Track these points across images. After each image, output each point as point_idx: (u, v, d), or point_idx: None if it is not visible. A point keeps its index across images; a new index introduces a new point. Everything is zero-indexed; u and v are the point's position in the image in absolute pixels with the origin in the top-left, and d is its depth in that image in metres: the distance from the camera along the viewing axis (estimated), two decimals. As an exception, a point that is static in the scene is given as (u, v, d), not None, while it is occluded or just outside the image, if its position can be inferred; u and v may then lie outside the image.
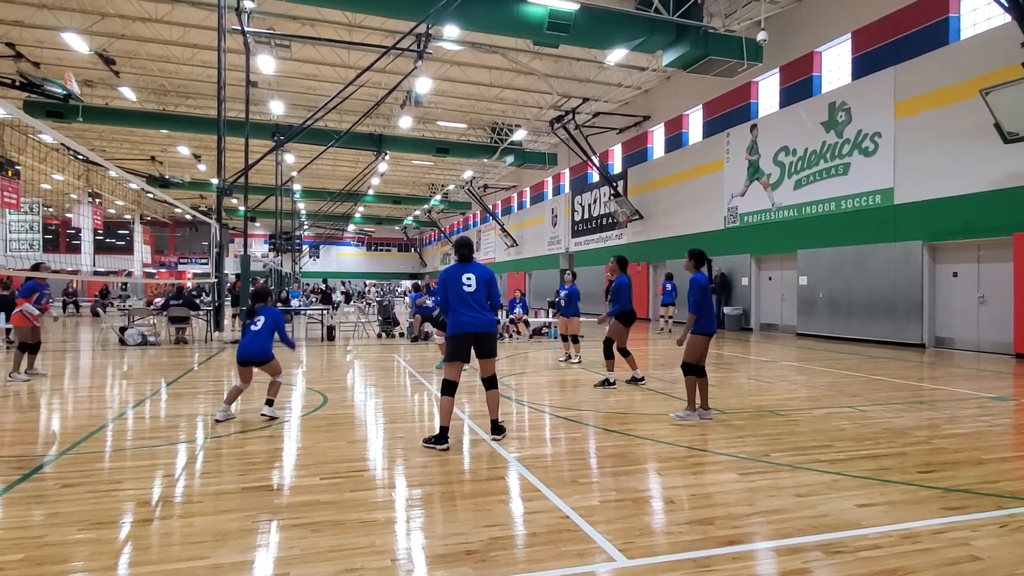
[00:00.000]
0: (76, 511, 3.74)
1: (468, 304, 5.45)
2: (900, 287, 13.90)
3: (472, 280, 5.50)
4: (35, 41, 19.35)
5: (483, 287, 5.53)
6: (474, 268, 5.59)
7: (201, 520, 3.60)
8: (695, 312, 6.19)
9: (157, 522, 3.58)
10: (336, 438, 5.62)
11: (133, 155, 35.17)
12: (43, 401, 7.46)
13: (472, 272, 5.54)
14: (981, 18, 12.73)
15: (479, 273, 5.57)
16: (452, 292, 5.49)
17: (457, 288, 5.47)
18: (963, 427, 6.04)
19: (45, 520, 3.61)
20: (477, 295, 5.48)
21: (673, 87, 22.84)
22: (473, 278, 5.51)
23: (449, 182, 43.12)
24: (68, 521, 3.58)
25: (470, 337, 5.44)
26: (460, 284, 5.47)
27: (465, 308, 5.44)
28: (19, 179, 27.25)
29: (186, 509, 3.80)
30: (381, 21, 17.11)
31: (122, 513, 3.73)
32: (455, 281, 5.49)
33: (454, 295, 5.48)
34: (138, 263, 48.23)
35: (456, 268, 5.60)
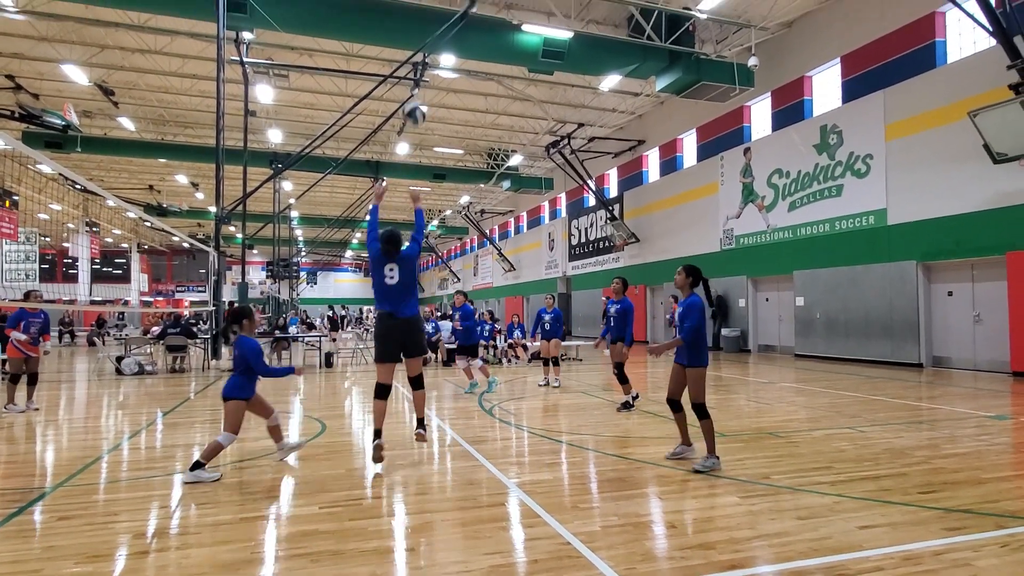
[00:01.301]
0: (72, 544, 3.70)
1: (390, 296, 5.29)
2: (896, 307, 13.95)
3: (395, 271, 5.32)
4: (35, 73, 19.59)
5: (408, 276, 5.37)
6: (399, 258, 5.40)
7: (198, 552, 3.57)
8: (691, 339, 5.29)
9: (154, 554, 3.55)
10: (335, 466, 5.59)
11: (131, 184, 35.36)
12: (38, 433, 7.41)
13: (396, 263, 5.36)
14: (967, 42, 12.99)
15: (401, 262, 5.39)
16: (376, 286, 5.39)
17: (380, 281, 5.33)
18: (962, 447, 6.03)
19: (41, 553, 3.57)
20: (399, 286, 5.31)
21: (667, 112, 23.15)
22: (396, 269, 5.33)
23: (446, 207, 43.36)
24: (64, 554, 3.55)
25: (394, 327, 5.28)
26: (383, 277, 5.31)
27: (388, 301, 5.28)
28: (16, 209, 27.37)
29: (183, 540, 3.76)
30: (378, 50, 17.39)
31: (119, 546, 3.69)
32: (378, 275, 5.37)
33: (378, 288, 5.35)
34: (135, 292, 48.16)
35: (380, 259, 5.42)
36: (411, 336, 5.36)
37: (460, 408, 8.86)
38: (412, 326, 5.38)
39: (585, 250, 29.51)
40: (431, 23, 13.59)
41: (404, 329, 5.34)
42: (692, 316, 5.32)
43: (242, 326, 5.40)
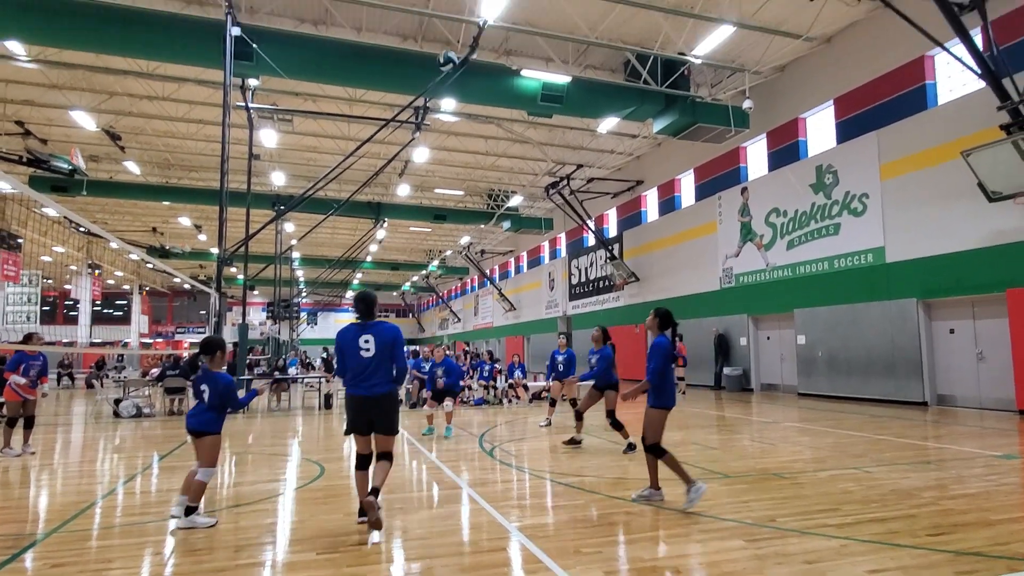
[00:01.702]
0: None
1: (365, 372, 4.76)
2: (898, 345, 13.90)
3: (371, 343, 4.78)
4: (44, 119, 19.99)
5: (384, 351, 4.80)
6: (374, 329, 4.85)
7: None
8: (656, 381, 5.45)
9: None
10: (333, 510, 5.49)
11: (135, 227, 35.68)
12: (33, 477, 7.30)
13: (372, 334, 4.81)
14: (957, 84, 13.28)
15: (380, 335, 4.82)
16: (348, 355, 4.81)
17: (353, 351, 4.79)
18: (971, 487, 5.93)
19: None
20: (376, 360, 4.77)
21: (664, 153, 23.52)
22: (372, 341, 4.78)
23: (447, 248, 43.64)
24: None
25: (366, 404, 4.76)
26: (356, 348, 4.79)
27: (362, 378, 4.76)
28: (20, 252, 27.58)
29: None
30: (380, 95, 17.77)
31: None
32: (350, 344, 4.81)
33: (350, 359, 4.80)
34: (135, 333, 48.08)
35: (353, 329, 4.88)
36: (384, 414, 4.83)
37: (460, 450, 8.76)
38: (386, 404, 4.83)
39: (585, 289, 29.57)
40: (432, 69, 13.91)
41: (377, 407, 4.80)
42: (655, 358, 5.48)
43: (213, 358, 5.28)
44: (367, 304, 4.95)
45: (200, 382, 5.24)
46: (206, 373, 5.24)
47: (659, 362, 5.45)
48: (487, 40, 14.67)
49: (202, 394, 5.18)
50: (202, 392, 5.19)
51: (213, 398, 5.15)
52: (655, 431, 5.45)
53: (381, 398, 4.77)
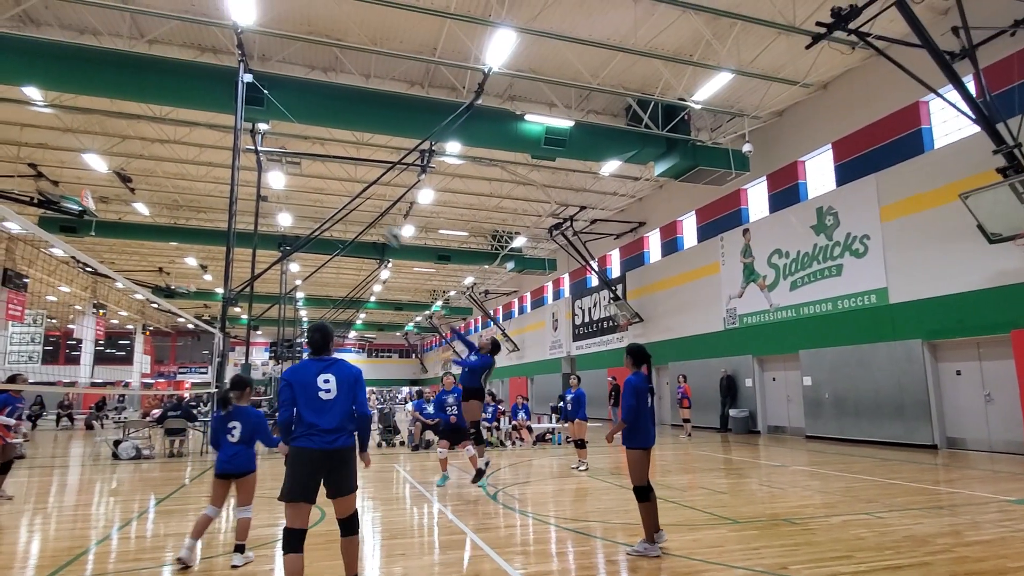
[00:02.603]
0: (55, 642, 3.52)
1: (322, 418, 4.00)
2: (905, 386, 13.75)
3: (331, 383, 4.08)
4: (57, 161, 20.36)
5: (346, 393, 4.11)
6: (335, 367, 4.17)
7: (187, 650, 3.38)
8: (629, 420, 5.31)
9: (140, 653, 3.37)
10: (334, 556, 5.35)
11: (142, 267, 35.96)
12: (24, 522, 7.18)
13: (333, 373, 4.13)
14: (953, 128, 13.48)
15: (342, 373, 4.15)
16: (303, 398, 4.02)
17: (311, 393, 4.03)
18: (986, 533, 5.79)
19: (21, 653, 3.39)
20: (338, 403, 4.07)
21: (666, 194, 23.77)
22: (333, 380, 4.09)
23: (450, 288, 43.76)
24: (45, 654, 3.37)
25: (322, 461, 3.98)
26: (315, 389, 4.05)
27: (318, 427, 3.97)
28: (26, 292, 27.74)
29: (172, 638, 3.58)
30: (387, 139, 18.11)
31: (103, 644, 3.51)
32: (308, 384, 4.05)
33: (302, 406, 4.01)
34: (137, 373, 47.92)
35: (309, 366, 4.13)
36: (349, 471, 4.11)
37: (463, 493, 8.60)
38: (350, 458, 4.12)
39: (589, 330, 29.49)
40: (438, 113, 14.23)
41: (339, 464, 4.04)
42: (626, 395, 5.35)
43: (243, 394, 5.34)
44: (325, 336, 4.22)
45: (229, 419, 5.19)
46: (237, 409, 5.24)
47: (630, 399, 5.32)
48: (492, 86, 15.02)
49: (231, 431, 5.14)
50: (231, 429, 5.15)
51: (245, 433, 5.16)
52: (635, 472, 5.34)
53: (345, 452, 4.04)
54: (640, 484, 5.31)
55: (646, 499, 5.28)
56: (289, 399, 4.06)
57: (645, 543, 5.22)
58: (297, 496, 3.97)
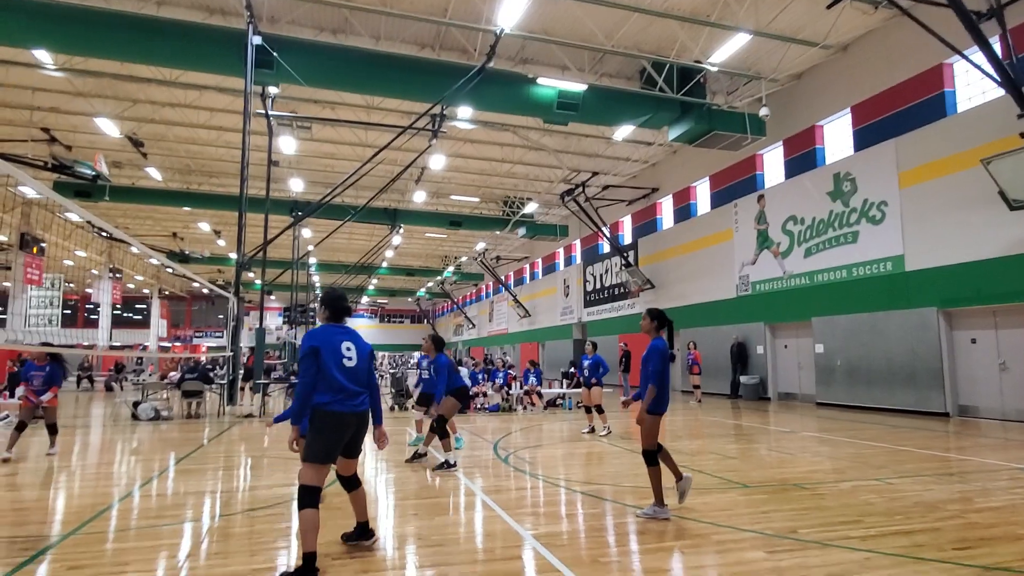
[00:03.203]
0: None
1: (351, 383, 4.13)
2: (918, 354, 13.67)
3: (353, 352, 4.20)
4: (69, 126, 20.37)
5: (364, 362, 4.27)
6: (354, 336, 4.30)
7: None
8: (657, 383, 5.30)
9: (164, 605, 3.48)
10: (347, 515, 5.47)
11: (155, 231, 36.21)
12: (51, 479, 7.39)
13: (352, 342, 4.24)
14: (976, 91, 13.10)
15: (359, 344, 4.28)
16: (329, 364, 4.08)
17: (338, 359, 4.12)
18: (996, 500, 5.80)
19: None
20: (359, 371, 4.21)
21: (680, 160, 23.43)
22: (354, 350, 4.21)
23: (462, 254, 43.75)
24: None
25: (352, 424, 4.16)
26: (341, 355, 4.14)
27: (347, 391, 4.11)
28: (43, 256, 28.06)
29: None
30: (398, 103, 17.91)
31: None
32: (335, 350, 4.13)
33: (332, 369, 4.08)
34: (154, 337, 48.68)
35: (332, 331, 4.22)
36: (363, 434, 4.34)
37: (475, 457, 8.73)
38: (367, 422, 4.32)
39: (600, 296, 29.47)
40: (449, 77, 14.02)
41: (362, 427, 4.29)
42: (654, 360, 5.32)
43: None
44: (348, 306, 4.38)
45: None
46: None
47: (657, 363, 5.30)
48: (504, 48, 14.74)
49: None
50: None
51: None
52: (648, 435, 5.34)
53: (366, 415, 4.26)
54: (650, 448, 5.35)
55: (655, 463, 5.32)
56: (314, 364, 4.06)
57: (655, 506, 5.28)
58: (332, 458, 4.12)
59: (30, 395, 8.88)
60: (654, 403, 5.33)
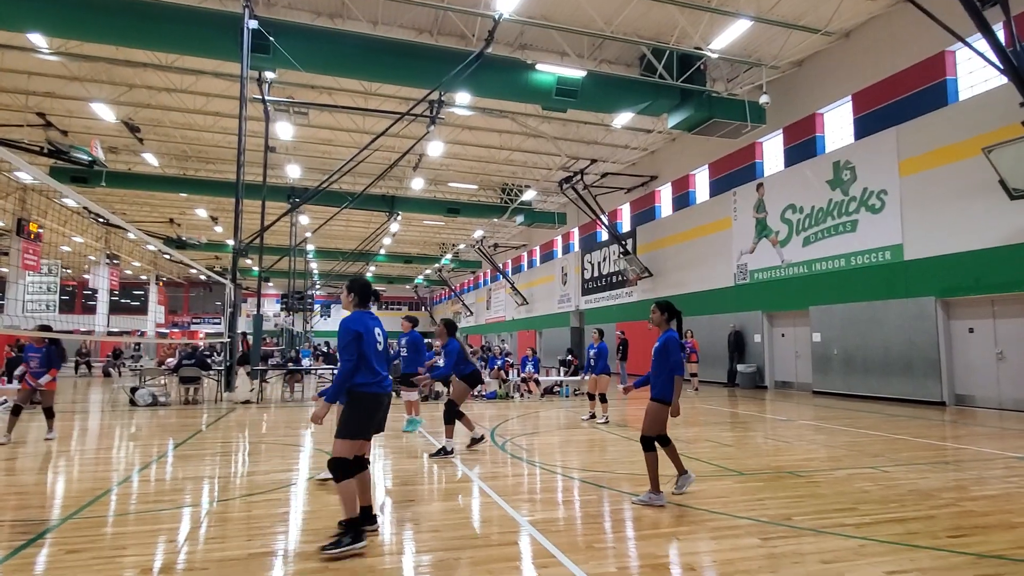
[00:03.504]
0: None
1: (382, 365, 4.49)
2: (916, 344, 13.71)
3: (380, 336, 4.58)
4: (65, 111, 20.21)
5: (385, 345, 4.67)
6: (379, 322, 4.66)
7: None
8: (681, 373, 5.42)
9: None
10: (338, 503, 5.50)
11: (152, 217, 36.07)
12: (50, 464, 7.40)
13: (378, 326, 4.61)
14: (979, 80, 13.03)
15: (382, 329, 4.67)
16: (371, 348, 4.40)
17: (373, 343, 4.44)
18: (991, 488, 5.83)
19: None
20: (383, 352, 4.62)
21: (679, 148, 23.33)
22: (380, 334, 4.60)
23: (460, 241, 43.68)
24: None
25: (386, 403, 4.55)
26: (375, 339, 4.47)
27: (381, 368, 4.46)
28: (40, 242, 27.95)
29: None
30: (395, 89, 17.77)
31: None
32: (370, 335, 4.43)
33: (371, 353, 4.39)
34: (151, 323, 48.65)
35: (367, 317, 4.54)
36: (387, 412, 4.69)
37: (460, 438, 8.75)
38: (391, 400, 4.68)
39: (598, 284, 29.47)
40: (447, 62, 13.90)
41: (388, 405, 4.67)
42: (674, 351, 5.43)
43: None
44: (373, 292, 4.72)
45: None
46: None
47: (677, 354, 5.40)
48: (502, 34, 14.61)
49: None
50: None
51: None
52: (652, 424, 5.41)
53: (391, 395, 4.64)
54: (649, 435, 5.39)
55: (652, 449, 5.37)
56: (357, 349, 4.33)
57: (651, 493, 5.31)
58: (366, 434, 4.47)
59: (29, 378, 8.90)
60: (664, 393, 5.38)
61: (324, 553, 4.02)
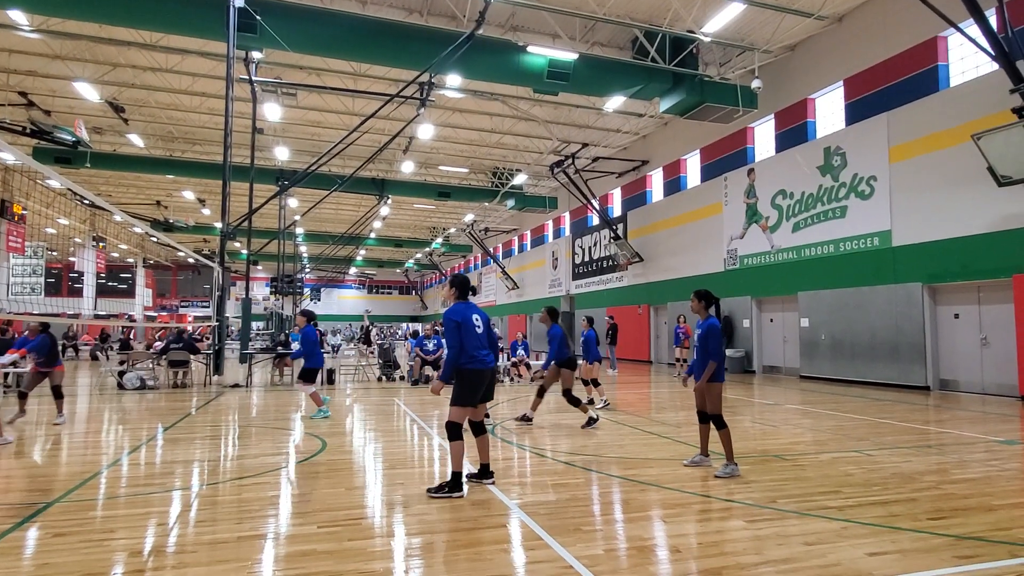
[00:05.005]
0: (68, 562, 3.66)
1: (483, 344, 5.40)
2: (902, 329, 13.86)
3: (479, 321, 5.46)
4: (47, 90, 19.85)
5: (486, 328, 5.53)
6: (477, 308, 5.58)
7: (195, 571, 3.52)
8: (719, 360, 5.87)
9: (150, 573, 3.50)
10: (335, 484, 5.53)
11: (139, 199, 35.65)
12: (37, 447, 7.36)
13: (477, 313, 5.51)
14: (970, 66, 13.05)
15: (481, 314, 5.57)
16: (468, 333, 5.32)
17: (471, 328, 5.35)
18: (972, 472, 5.94)
19: (36, 571, 3.53)
20: (483, 336, 5.45)
21: (671, 132, 23.28)
22: (480, 319, 5.48)
23: (451, 225, 43.53)
24: (59, 572, 3.50)
25: (489, 376, 5.41)
26: (473, 325, 5.36)
27: (483, 348, 5.38)
28: (24, 224, 27.56)
29: (180, 559, 3.71)
30: (385, 70, 17.57)
31: (114, 564, 3.64)
32: (469, 322, 5.36)
33: (470, 336, 5.32)
34: (139, 306, 48.28)
35: (465, 308, 5.45)
36: (493, 382, 5.65)
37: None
38: (495, 373, 5.65)
39: (589, 269, 29.51)
40: (438, 44, 13.74)
41: (492, 378, 5.58)
42: (715, 338, 5.90)
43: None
44: (471, 287, 5.68)
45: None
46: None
47: (718, 341, 5.86)
48: (493, 15, 14.46)
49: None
50: None
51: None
52: (717, 404, 5.89)
53: (494, 369, 5.55)
54: (719, 412, 5.86)
55: (725, 426, 5.83)
56: (458, 335, 5.26)
57: (731, 465, 5.74)
58: (474, 402, 5.38)
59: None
60: (720, 373, 5.90)
61: (428, 494, 5.06)
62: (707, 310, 6.07)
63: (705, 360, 5.90)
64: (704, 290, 6.13)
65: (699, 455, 6.21)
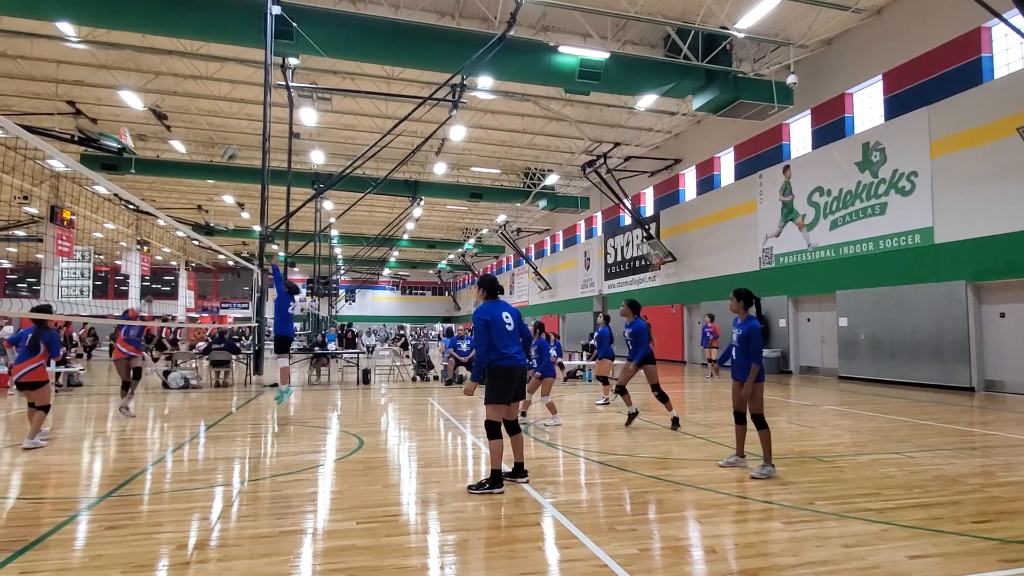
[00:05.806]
0: (118, 553, 3.82)
1: (514, 342, 5.41)
2: (945, 328, 13.45)
3: (510, 319, 5.48)
4: (94, 99, 20.59)
5: (517, 325, 5.55)
6: (507, 306, 5.59)
7: (239, 564, 3.64)
8: (759, 361, 5.77)
9: (195, 565, 3.63)
10: (372, 482, 5.64)
11: (181, 204, 36.69)
12: (87, 444, 7.67)
13: (507, 311, 5.53)
14: (1015, 57, 12.61)
15: (512, 311, 5.58)
16: (497, 331, 5.35)
17: (502, 327, 5.39)
18: (1019, 474, 5.75)
19: (89, 562, 3.69)
20: (515, 334, 5.47)
21: (704, 130, 23.00)
22: (510, 316, 5.50)
23: (483, 226, 43.71)
24: (111, 563, 3.66)
25: (519, 373, 5.40)
26: (503, 323, 5.40)
27: (513, 346, 5.39)
28: (73, 228, 28.64)
29: (224, 553, 3.84)
30: (418, 73, 17.77)
31: (162, 556, 3.79)
32: (498, 320, 5.41)
33: (499, 334, 5.35)
34: (182, 308, 49.66)
35: (494, 307, 5.50)
36: (525, 380, 5.63)
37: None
38: (526, 370, 5.62)
39: (621, 269, 29.34)
40: (469, 46, 13.85)
41: (524, 376, 5.59)
42: (756, 340, 5.80)
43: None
44: (499, 286, 5.67)
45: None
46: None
47: (758, 343, 5.79)
48: (524, 16, 14.50)
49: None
50: None
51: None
52: (759, 404, 5.83)
53: (526, 367, 5.53)
54: (761, 413, 5.82)
55: (767, 426, 5.78)
56: (487, 334, 5.31)
57: (768, 466, 5.69)
58: (507, 399, 5.38)
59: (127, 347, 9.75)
60: (763, 374, 5.82)
61: (469, 491, 5.15)
62: (747, 310, 5.96)
63: (746, 362, 5.82)
64: (744, 289, 6.03)
65: (735, 456, 6.17)
